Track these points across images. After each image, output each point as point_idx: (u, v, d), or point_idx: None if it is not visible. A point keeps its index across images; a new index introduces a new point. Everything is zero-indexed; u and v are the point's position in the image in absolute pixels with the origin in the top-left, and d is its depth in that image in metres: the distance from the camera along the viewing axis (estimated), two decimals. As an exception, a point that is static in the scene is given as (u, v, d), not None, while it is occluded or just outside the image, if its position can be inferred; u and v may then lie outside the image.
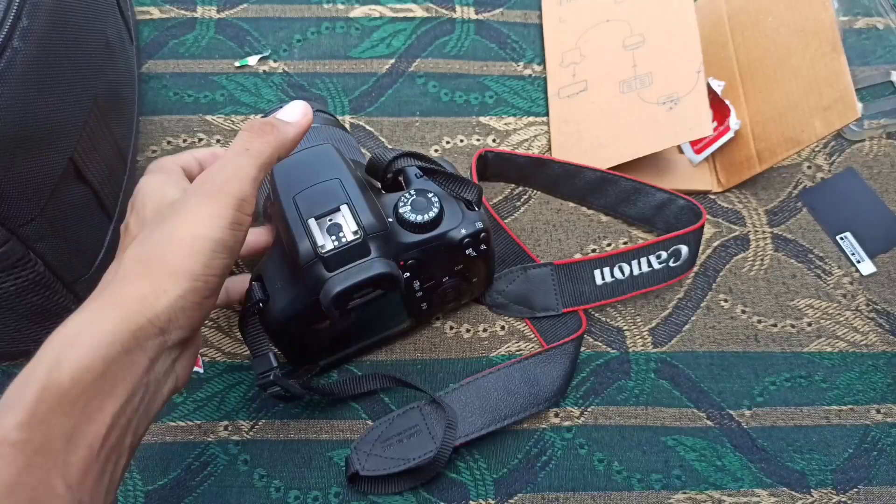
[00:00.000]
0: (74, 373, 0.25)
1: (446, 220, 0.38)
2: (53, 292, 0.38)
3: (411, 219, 0.37)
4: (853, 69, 0.45)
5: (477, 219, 0.38)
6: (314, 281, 0.35)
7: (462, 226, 0.38)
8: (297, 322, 0.37)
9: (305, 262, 0.35)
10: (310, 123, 0.35)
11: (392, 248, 0.36)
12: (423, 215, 0.37)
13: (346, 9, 0.57)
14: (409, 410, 0.42)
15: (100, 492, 0.26)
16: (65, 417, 0.25)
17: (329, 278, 0.35)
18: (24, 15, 0.32)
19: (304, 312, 0.36)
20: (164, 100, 0.53)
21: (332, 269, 0.35)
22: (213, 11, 0.56)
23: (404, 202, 0.37)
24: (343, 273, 0.35)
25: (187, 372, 0.31)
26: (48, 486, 0.24)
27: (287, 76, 0.54)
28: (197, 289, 0.29)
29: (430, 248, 0.37)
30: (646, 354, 0.46)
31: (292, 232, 0.35)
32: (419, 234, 0.37)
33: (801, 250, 0.50)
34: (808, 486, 0.42)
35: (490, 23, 0.57)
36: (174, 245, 0.29)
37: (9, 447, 0.24)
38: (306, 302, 0.36)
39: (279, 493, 0.41)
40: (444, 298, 0.43)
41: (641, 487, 0.42)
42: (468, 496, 0.41)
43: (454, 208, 0.38)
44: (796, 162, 0.53)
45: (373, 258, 0.35)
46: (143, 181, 0.33)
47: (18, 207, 0.34)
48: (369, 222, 0.35)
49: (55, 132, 0.35)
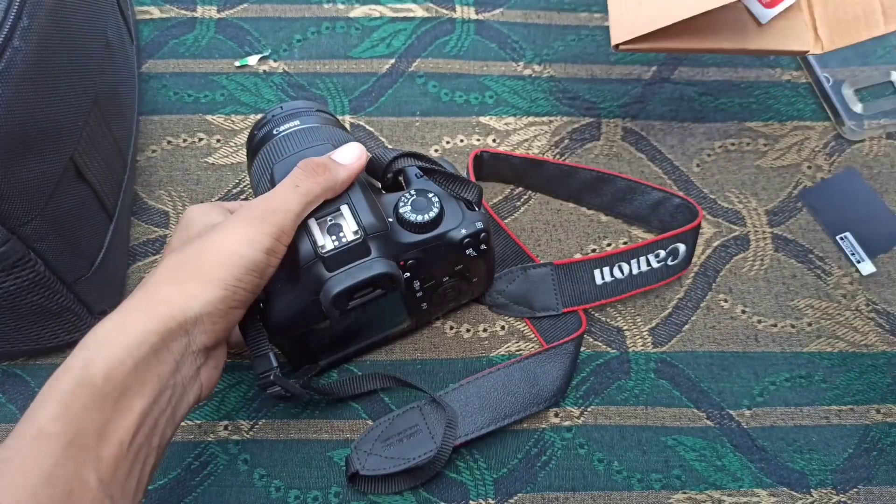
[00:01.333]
0: (107, 370, 0.27)
1: (446, 219, 0.38)
2: (53, 292, 0.38)
3: (411, 219, 0.37)
4: (853, 69, 0.45)
5: (477, 219, 0.38)
6: (314, 281, 0.35)
7: (462, 226, 0.38)
8: (297, 322, 0.37)
9: (305, 263, 0.35)
10: (362, 167, 0.36)
11: (392, 248, 0.36)
12: (423, 215, 0.37)
13: (347, 9, 0.57)
14: (409, 410, 0.42)
15: (129, 490, 0.27)
16: (97, 412, 0.26)
17: (329, 278, 0.35)
18: (24, 15, 0.32)
19: (303, 312, 0.36)
20: (164, 99, 0.53)
21: (333, 269, 0.35)
22: (213, 11, 0.56)
23: (404, 202, 0.37)
24: (343, 273, 0.35)
25: (211, 382, 0.33)
26: (82, 479, 0.25)
27: (287, 76, 0.54)
28: (226, 297, 0.30)
29: (431, 248, 0.37)
30: (646, 354, 0.46)
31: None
32: (419, 234, 0.37)
33: (801, 250, 0.50)
34: (808, 486, 0.42)
35: (490, 23, 0.57)
36: (211, 255, 0.31)
37: (45, 439, 0.25)
38: (306, 302, 0.36)
39: (279, 492, 0.41)
40: (444, 298, 0.43)
41: (641, 487, 0.42)
42: (468, 496, 0.41)
43: (454, 208, 0.38)
44: (796, 162, 0.53)
45: (373, 258, 0.35)
46: (192, 207, 0.36)
47: (18, 207, 0.34)
48: (369, 222, 0.35)
49: (55, 132, 0.35)
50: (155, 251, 0.48)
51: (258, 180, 0.40)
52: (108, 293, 0.43)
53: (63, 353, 0.43)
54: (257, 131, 0.42)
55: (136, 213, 0.49)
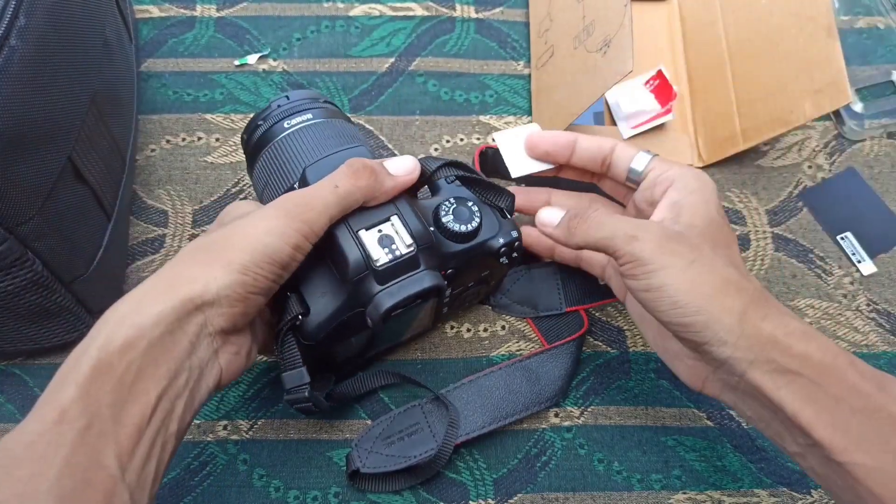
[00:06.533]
0: (123, 352, 0.27)
1: (484, 229, 0.37)
2: (52, 292, 0.38)
3: (455, 228, 0.36)
4: (853, 69, 0.46)
5: (512, 227, 0.38)
6: (364, 294, 0.34)
7: (500, 235, 0.37)
8: (338, 334, 0.35)
9: (355, 275, 0.33)
10: (412, 182, 0.35)
11: (437, 259, 0.35)
12: (466, 225, 0.36)
13: (346, 7, 0.57)
14: (410, 408, 0.42)
15: (146, 476, 0.27)
16: (114, 395, 0.26)
17: (379, 291, 0.33)
18: (21, 13, 0.32)
19: (345, 324, 0.35)
20: (164, 98, 0.53)
21: (384, 282, 0.33)
22: (212, 10, 0.56)
23: (445, 211, 0.36)
24: (395, 286, 0.33)
25: (233, 369, 0.32)
26: (101, 465, 0.26)
27: (287, 75, 0.54)
28: (245, 283, 0.30)
29: (469, 259, 0.37)
30: (646, 354, 0.46)
31: (340, 243, 0.33)
32: (461, 243, 0.36)
33: (801, 250, 0.49)
34: (808, 486, 0.42)
35: (490, 21, 0.57)
36: (235, 240, 0.31)
37: (66, 424, 0.25)
38: (350, 314, 0.34)
39: (279, 492, 0.41)
40: (462, 302, 0.43)
41: (641, 487, 0.42)
42: (468, 496, 0.41)
43: (490, 217, 0.38)
44: (796, 161, 0.53)
45: (422, 271, 0.34)
46: (232, 203, 0.36)
47: (16, 206, 0.33)
48: (420, 234, 0.34)
49: (53, 131, 0.35)
50: (154, 250, 0.48)
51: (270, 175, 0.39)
52: (106, 293, 0.43)
53: (62, 352, 0.43)
54: (262, 122, 0.40)
55: (135, 212, 0.49)
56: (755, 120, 0.49)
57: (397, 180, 0.34)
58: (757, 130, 0.49)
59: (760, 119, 0.49)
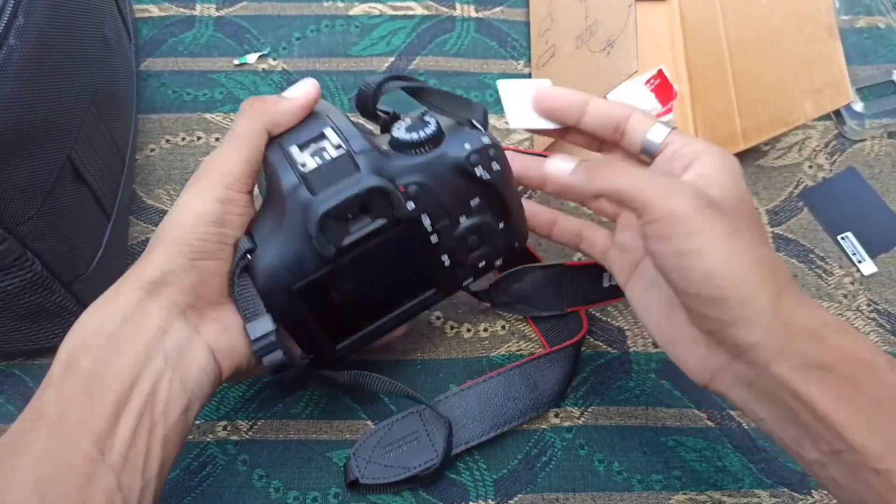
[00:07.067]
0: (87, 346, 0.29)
1: (449, 139, 0.34)
2: (51, 292, 0.38)
3: (406, 138, 0.33)
4: (854, 68, 0.46)
5: (482, 134, 0.34)
6: (301, 211, 0.31)
7: (466, 141, 0.34)
8: (292, 269, 0.32)
9: (288, 189, 0.31)
10: (310, 99, 0.35)
11: (387, 171, 0.32)
12: (418, 132, 0.33)
13: (346, 7, 0.57)
14: (409, 415, 0.41)
15: (135, 457, 0.28)
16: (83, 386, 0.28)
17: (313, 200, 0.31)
18: (20, 12, 0.32)
19: (297, 256, 0.32)
20: (163, 98, 0.53)
21: (317, 190, 0.31)
22: (212, 9, 0.56)
23: (398, 127, 0.34)
24: (329, 191, 0.31)
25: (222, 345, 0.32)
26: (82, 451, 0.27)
27: (286, 74, 0.54)
28: (183, 251, 0.31)
29: (434, 172, 0.33)
30: (646, 354, 0.45)
31: (275, 167, 0.32)
32: (418, 155, 0.33)
33: (801, 250, 0.49)
34: (809, 486, 0.42)
35: (490, 21, 0.57)
36: (169, 220, 0.32)
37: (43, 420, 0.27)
38: (298, 240, 0.32)
39: (278, 493, 0.41)
40: (467, 250, 0.37)
41: (642, 488, 0.42)
42: (468, 497, 0.41)
43: (456, 128, 0.34)
44: (797, 161, 0.53)
45: (361, 174, 0.32)
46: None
47: (15, 206, 0.33)
48: (352, 135, 0.32)
49: (52, 131, 0.35)
50: (153, 250, 0.48)
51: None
52: (106, 293, 0.43)
53: (61, 352, 0.43)
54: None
55: (135, 212, 0.49)
56: (755, 119, 0.49)
57: (292, 101, 0.34)
58: (757, 130, 0.49)
59: (761, 119, 0.49)
